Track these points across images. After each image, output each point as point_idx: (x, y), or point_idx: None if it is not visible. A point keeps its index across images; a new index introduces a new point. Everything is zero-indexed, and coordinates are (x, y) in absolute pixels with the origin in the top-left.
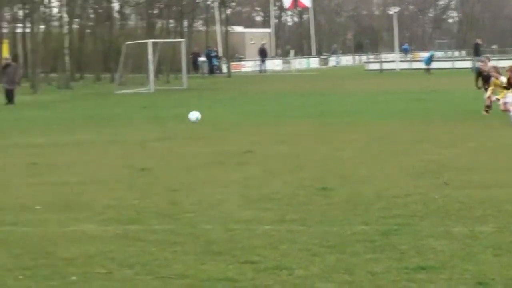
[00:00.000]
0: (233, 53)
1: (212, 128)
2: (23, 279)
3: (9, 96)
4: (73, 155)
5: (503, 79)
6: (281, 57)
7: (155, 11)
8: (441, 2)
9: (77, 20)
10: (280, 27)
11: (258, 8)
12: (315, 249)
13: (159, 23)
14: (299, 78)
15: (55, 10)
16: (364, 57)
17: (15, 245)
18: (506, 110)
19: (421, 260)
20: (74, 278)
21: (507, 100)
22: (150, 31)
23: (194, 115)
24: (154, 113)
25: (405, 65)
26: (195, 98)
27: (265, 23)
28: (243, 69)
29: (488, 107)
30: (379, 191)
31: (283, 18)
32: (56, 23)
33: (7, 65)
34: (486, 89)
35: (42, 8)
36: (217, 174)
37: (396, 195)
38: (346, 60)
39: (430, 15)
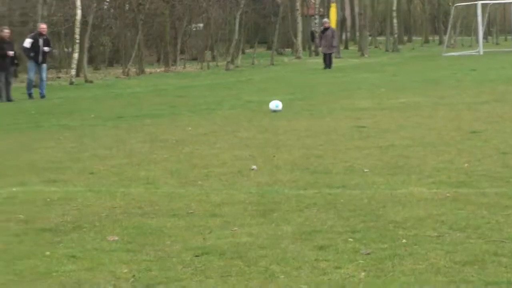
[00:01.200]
0: None
1: None
2: (353, 241)
3: (327, 61)
4: (400, 118)
5: None
6: None
7: None
8: None
9: None
10: None
11: None
12: None
13: None
14: None
15: None
16: None
17: (344, 208)
18: None
19: None
20: (404, 241)
21: None
22: None
23: (273, 104)
24: (483, 75)
25: None
26: None
27: None
28: None
29: None
30: None
31: None
32: None
33: (325, 29)
34: None
35: None
36: None
37: None
38: None
39: None
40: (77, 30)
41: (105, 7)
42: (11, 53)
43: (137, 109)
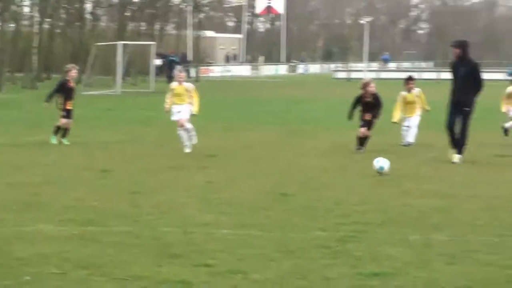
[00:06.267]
0: (204, 58)
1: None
2: None
3: None
4: (34, 156)
5: None
6: (250, 63)
7: (128, 14)
8: (412, 14)
9: (48, 20)
10: (251, 33)
11: (231, 14)
12: (272, 254)
13: (131, 25)
14: (267, 84)
15: (26, 9)
16: (332, 66)
17: None
18: None
19: (376, 267)
20: (27, 278)
21: None
22: (120, 33)
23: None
24: (120, 115)
25: (372, 75)
26: (162, 101)
27: (237, 29)
28: (211, 74)
29: None
30: (338, 198)
31: (254, 24)
32: (26, 22)
33: None
34: None
35: (13, 7)
36: (179, 177)
37: (355, 203)
38: (315, 68)
39: (401, 26)
40: None
41: None
42: None
43: None
